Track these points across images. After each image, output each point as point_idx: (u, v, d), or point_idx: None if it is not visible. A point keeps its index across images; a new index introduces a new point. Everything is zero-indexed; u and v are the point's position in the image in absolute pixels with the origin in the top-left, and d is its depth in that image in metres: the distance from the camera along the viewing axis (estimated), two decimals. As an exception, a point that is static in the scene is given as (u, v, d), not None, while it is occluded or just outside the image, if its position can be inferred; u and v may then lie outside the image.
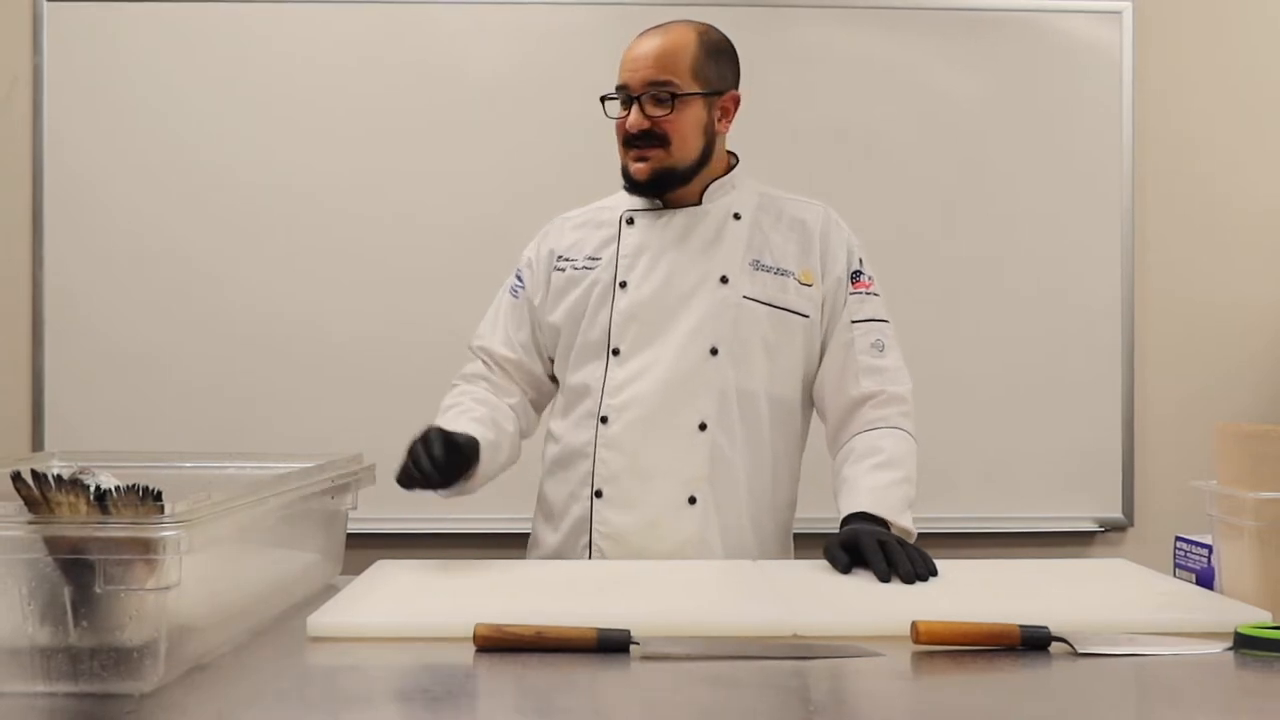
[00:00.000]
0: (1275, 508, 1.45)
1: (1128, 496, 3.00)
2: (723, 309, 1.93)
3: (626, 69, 1.95)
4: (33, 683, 1.09)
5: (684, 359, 1.92)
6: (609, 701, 1.17)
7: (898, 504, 1.86)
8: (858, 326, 1.99)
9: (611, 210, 2.05)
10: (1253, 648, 1.28)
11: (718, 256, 1.96)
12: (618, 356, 1.94)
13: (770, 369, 1.96)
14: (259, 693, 1.18)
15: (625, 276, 1.96)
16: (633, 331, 1.94)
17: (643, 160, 1.93)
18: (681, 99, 1.91)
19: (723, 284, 1.94)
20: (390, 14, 2.94)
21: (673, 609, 1.42)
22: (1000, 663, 1.25)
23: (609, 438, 1.93)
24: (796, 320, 1.97)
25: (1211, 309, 3.06)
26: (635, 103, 1.92)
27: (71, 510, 1.09)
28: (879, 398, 1.96)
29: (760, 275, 1.96)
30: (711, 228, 1.98)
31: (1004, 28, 2.99)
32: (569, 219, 2.09)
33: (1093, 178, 3.00)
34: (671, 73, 1.92)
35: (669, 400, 1.91)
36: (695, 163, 1.96)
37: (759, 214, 2.01)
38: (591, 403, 1.95)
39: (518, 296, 2.07)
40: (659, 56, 1.92)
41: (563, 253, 2.04)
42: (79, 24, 2.92)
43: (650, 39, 1.95)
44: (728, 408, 1.93)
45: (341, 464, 1.74)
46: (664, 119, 1.91)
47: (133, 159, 2.92)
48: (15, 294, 2.92)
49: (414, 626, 1.34)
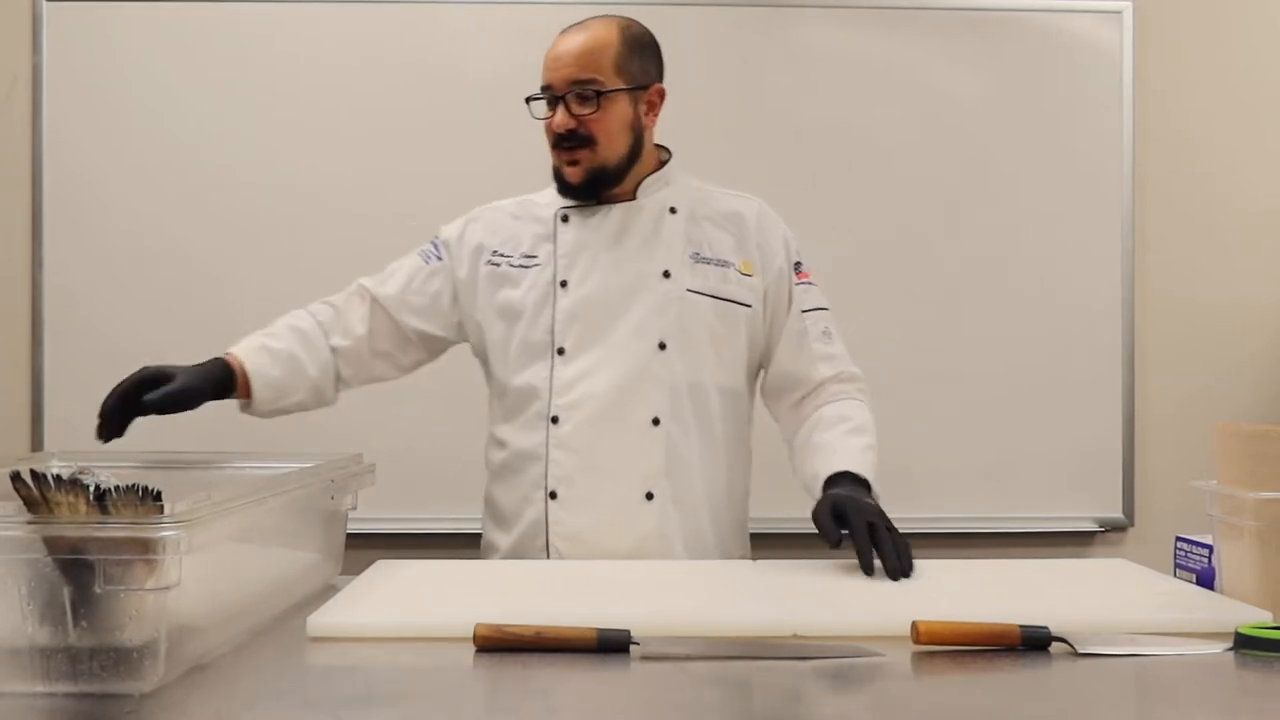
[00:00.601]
0: (1275, 508, 1.45)
1: (1128, 496, 3.00)
2: (667, 303, 1.93)
3: (549, 68, 1.93)
4: (32, 683, 1.09)
5: (633, 355, 1.92)
6: (609, 701, 1.17)
7: (871, 471, 1.89)
8: (808, 316, 2.02)
9: (545, 206, 2.02)
10: (1253, 648, 1.27)
11: (658, 251, 1.96)
12: (563, 356, 1.93)
13: (717, 360, 1.97)
14: (259, 693, 1.18)
15: (565, 275, 1.95)
16: (577, 330, 1.93)
17: (574, 164, 1.93)
18: (606, 96, 1.90)
19: (665, 278, 1.94)
20: (390, 14, 2.94)
21: (673, 609, 1.42)
22: (1000, 663, 1.25)
23: (561, 438, 1.91)
24: (740, 310, 1.98)
25: (1211, 309, 3.06)
26: (560, 102, 1.91)
27: (71, 510, 1.09)
28: (838, 377, 2.02)
29: (701, 268, 1.96)
30: (648, 223, 1.97)
31: (1004, 28, 2.99)
32: (499, 210, 2.06)
33: (1093, 178, 3.00)
34: (594, 70, 1.91)
35: (620, 397, 1.91)
36: (625, 160, 1.95)
37: (694, 207, 2.01)
38: (540, 404, 1.93)
39: (429, 263, 2.04)
40: (581, 54, 1.91)
41: (496, 247, 2.01)
42: (78, 24, 2.92)
43: (571, 37, 1.94)
44: (679, 401, 1.93)
45: (341, 464, 1.74)
46: (589, 118, 1.90)
47: (132, 159, 2.92)
48: (15, 294, 2.92)
49: (414, 626, 1.34)
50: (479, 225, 2.05)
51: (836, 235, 2.95)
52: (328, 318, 2.00)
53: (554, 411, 1.92)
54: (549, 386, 1.93)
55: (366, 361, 2.02)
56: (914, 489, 2.95)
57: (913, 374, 2.95)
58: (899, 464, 2.95)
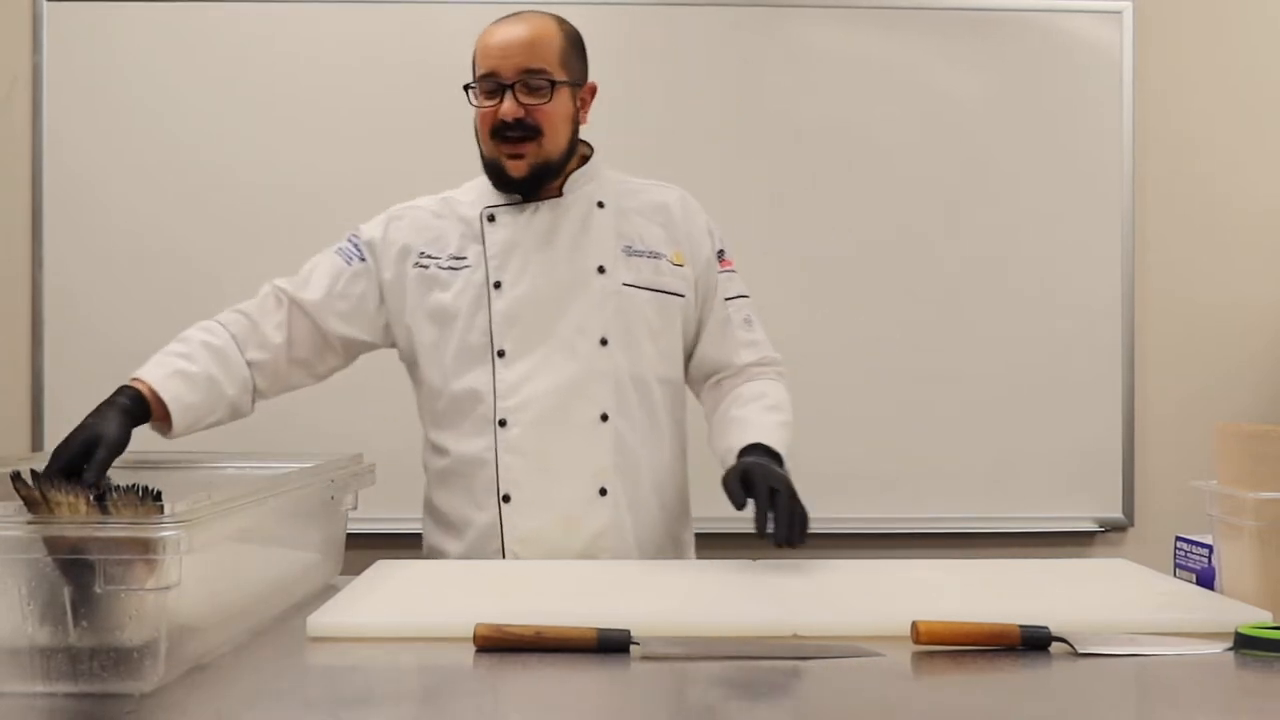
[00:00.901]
0: (1275, 508, 1.45)
1: (1128, 496, 3.00)
2: (605, 299, 1.93)
3: (495, 56, 1.89)
4: (32, 683, 1.09)
5: (576, 353, 1.92)
6: (609, 701, 1.17)
7: (784, 446, 1.90)
8: (731, 304, 2.04)
9: (468, 205, 2.00)
10: (1253, 648, 1.28)
11: (590, 247, 1.95)
12: (504, 358, 1.91)
13: (657, 353, 1.98)
14: (259, 693, 1.18)
15: (498, 276, 1.93)
16: (516, 332, 1.92)
17: (518, 157, 1.90)
18: (557, 88, 1.90)
19: (600, 274, 1.94)
20: (390, 14, 2.94)
21: (673, 609, 1.43)
22: (1000, 663, 1.25)
23: (510, 441, 1.90)
24: (674, 301, 1.99)
25: (1211, 309, 3.06)
26: (509, 91, 1.88)
27: (71, 510, 1.09)
28: (759, 361, 2.04)
29: (635, 261, 1.97)
30: (577, 219, 1.96)
31: (1004, 28, 2.99)
32: (421, 209, 2.02)
33: (1093, 178, 3.00)
34: (544, 61, 1.90)
35: (567, 396, 1.91)
36: (564, 155, 1.95)
37: (620, 201, 2.00)
38: (484, 408, 1.91)
39: (352, 264, 1.98)
40: (530, 44, 1.89)
41: (422, 248, 1.97)
42: (78, 24, 2.91)
43: (514, 27, 1.91)
44: (625, 396, 1.94)
45: (341, 464, 1.75)
46: (538, 108, 1.89)
47: (132, 159, 2.92)
48: (15, 294, 2.91)
49: (414, 626, 1.34)
50: (402, 225, 2.00)
51: (836, 235, 2.95)
52: (242, 330, 1.92)
53: (500, 415, 1.91)
54: (492, 390, 1.91)
55: (283, 372, 1.96)
56: (914, 489, 2.95)
57: (913, 374, 2.95)
58: (899, 464, 2.97)
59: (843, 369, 2.94)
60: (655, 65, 2.95)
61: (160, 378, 1.78)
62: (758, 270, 2.93)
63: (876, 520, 2.94)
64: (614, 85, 2.95)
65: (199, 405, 1.81)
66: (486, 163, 1.96)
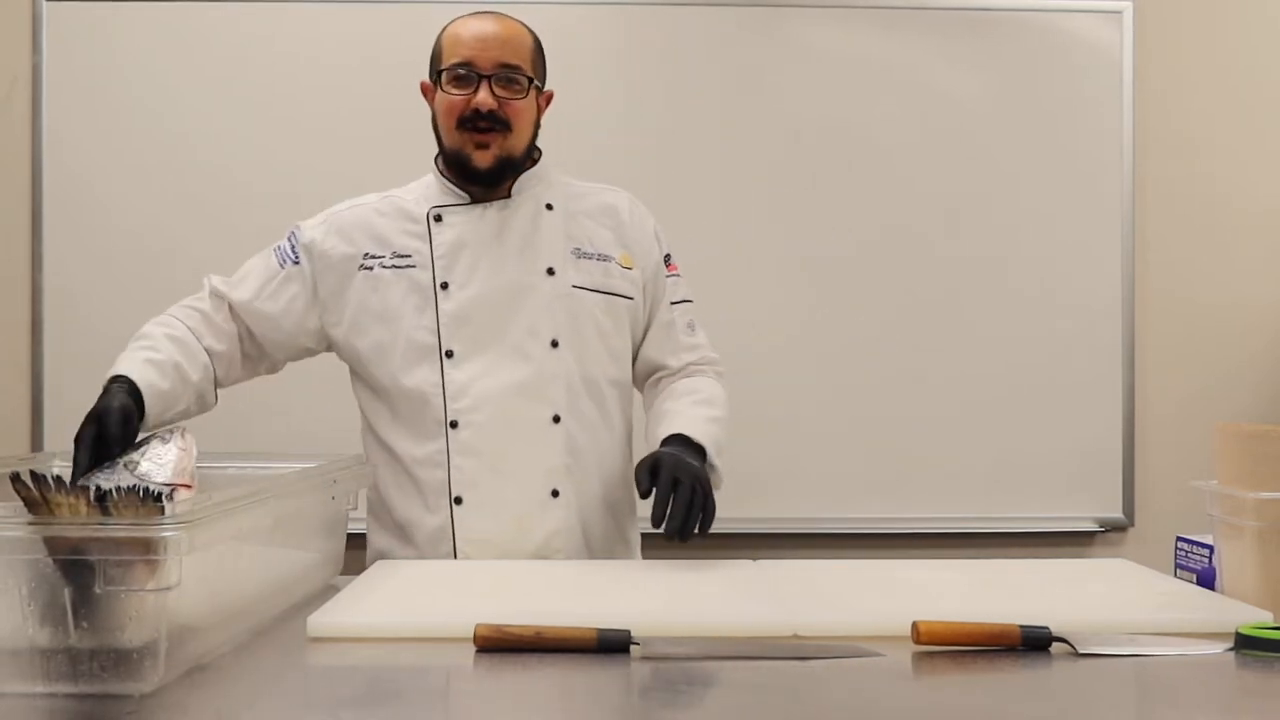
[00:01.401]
0: (1276, 508, 1.45)
1: (1128, 496, 3.00)
2: (554, 301, 1.93)
3: (472, 47, 1.89)
4: (33, 683, 1.09)
5: (527, 355, 1.92)
6: (609, 701, 1.17)
7: (715, 441, 1.90)
8: (676, 308, 2.06)
9: (414, 204, 1.98)
10: (1254, 648, 1.27)
11: (539, 249, 1.95)
12: (452, 359, 1.91)
13: (607, 354, 1.98)
14: (259, 693, 1.18)
15: (446, 277, 1.92)
16: (466, 333, 1.91)
17: (484, 146, 1.90)
18: (530, 85, 1.92)
19: (550, 276, 1.94)
20: (390, 14, 2.94)
21: (673, 609, 1.42)
22: (1001, 663, 1.25)
23: (462, 443, 1.90)
24: (623, 303, 1.99)
25: (1211, 309, 3.06)
26: (484, 81, 1.88)
27: (71, 511, 1.09)
28: (698, 361, 2.05)
29: (584, 263, 1.97)
30: (526, 220, 1.96)
31: (1004, 28, 2.99)
32: (364, 207, 2.01)
33: (1093, 178, 3.00)
34: (520, 59, 1.91)
35: (520, 397, 1.91)
36: (525, 153, 1.96)
37: (569, 203, 2.01)
38: (433, 410, 1.91)
39: (285, 267, 1.97)
40: (508, 41, 1.91)
41: (367, 248, 1.96)
42: (78, 24, 2.91)
43: (489, 23, 1.92)
44: (576, 398, 1.94)
45: (341, 464, 1.74)
46: (512, 102, 1.89)
47: (132, 159, 2.92)
48: (15, 294, 2.92)
49: (414, 626, 1.34)
50: (345, 224, 1.99)
51: (836, 235, 2.95)
52: (196, 322, 1.93)
53: (452, 416, 1.90)
54: (441, 391, 1.90)
55: (238, 362, 1.97)
56: (914, 489, 2.95)
57: (912, 374, 2.95)
58: (900, 464, 2.97)
59: (842, 369, 2.94)
60: (655, 65, 2.95)
61: (130, 366, 1.78)
62: (758, 270, 2.95)
63: (876, 520, 2.94)
64: (614, 85, 2.98)
65: (169, 393, 1.81)
66: (448, 153, 1.95)
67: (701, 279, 2.91)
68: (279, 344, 1.99)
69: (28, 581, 1.09)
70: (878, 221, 2.96)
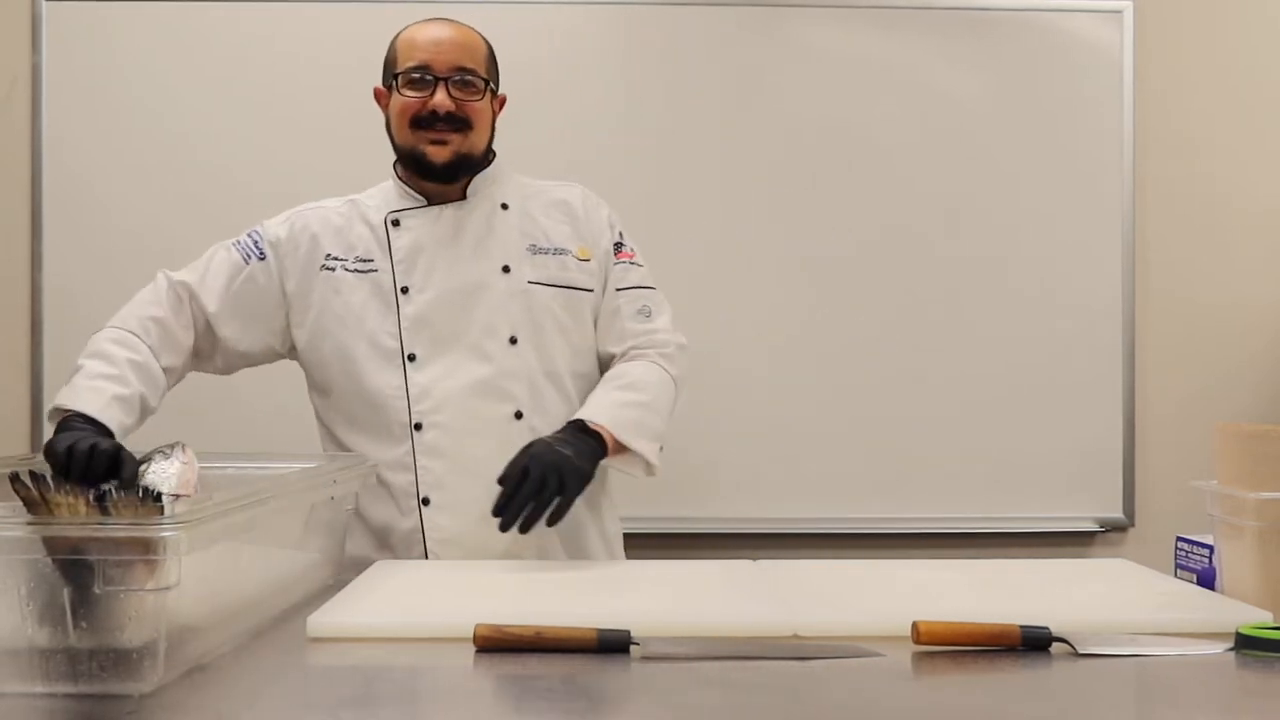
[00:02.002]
0: (1276, 508, 1.44)
1: (1128, 496, 3.00)
2: (511, 298, 1.94)
3: (427, 50, 1.92)
4: (32, 683, 1.09)
5: (486, 353, 1.92)
6: (609, 701, 1.17)
7: (631, 424, 1.89)
8: (623, 294, 2.03)
9: (374, 210, 2.00)
10: (1254, 648, 1.27)
11: (494, 248, 1.96)
12: (415, 362, 1.92)
13: (568, 348, 1.99)
14: (259, 693, 1.17)
15: (405, 281, 1.94)
16: (427, 336, 1.92)
17: (441, 143, 1.92)
18: (488, 88, 1.94)
19: (505, 274, 1.95)
20: (390, 14, 2.92)
21: (673, 609, 1.42)
22: (1001, 663, 1.25)
23: (427, 444, 1.91)
24: (583, 296, 2.00)
25: (1211, 309, 3.06)
26: (441, 84, 1.91)
27: (71, 511, 1.09)
28: (640, 344, 2.01)
29: (540, 258, 1.97)
30: (481, 220, 1.98)
31: (1004, 28, 2.99)
32: (326, 210, 2.02)
33: (1093, 178, 3.00)
34: (476, 63, 1.94)
35: (480, 396, 1.91)
36: (483, 154, 1.98)
37: (524, 202, 2.02)
38: (396, 413, 1.91)
39: (250, 262, 1.97)
40: (463, 45, 1.94)
41: (329, 250, 1.97)
42: (78, 24, 2.91)
43: (443, 28, 1.95)
44: (538, 394, 1.94)
45: (342, 464, 1.74)
46: (470, 104, 1.92)
47: (132, 159, 2.91)
48: (15, 294, 2.91)
49: (414, 626, 1.34)
50: (308, 226, 2.00)
51: (836, 235, 2.95)
52: (157, 340, 1.91)
53: (416, 419, 1.91)
54: (405, 394, 1.91)
55: (188, 367, 1.98)
56: (914, 489, 2.95)
57: (913, 374, 2.95)
58: (900, 464, 2.97)
59: (843, 369, 2.94)
60: (655, 65, 2.95)
61: (100, 407, 1.76)
62: (758, 270, 2.95)
63: (876, 520, 2.94)
64: (614, 85, 2.98)
65: (131, 426, 1.82)
66: (403, 153, 1.97)
67: (702, 279, 2.93)
68: (242, 350, 1.97)
69: (27, 581, 1.09)
70: (878, 221, 2.96)
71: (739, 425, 2.92)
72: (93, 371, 1.82)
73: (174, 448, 1.57)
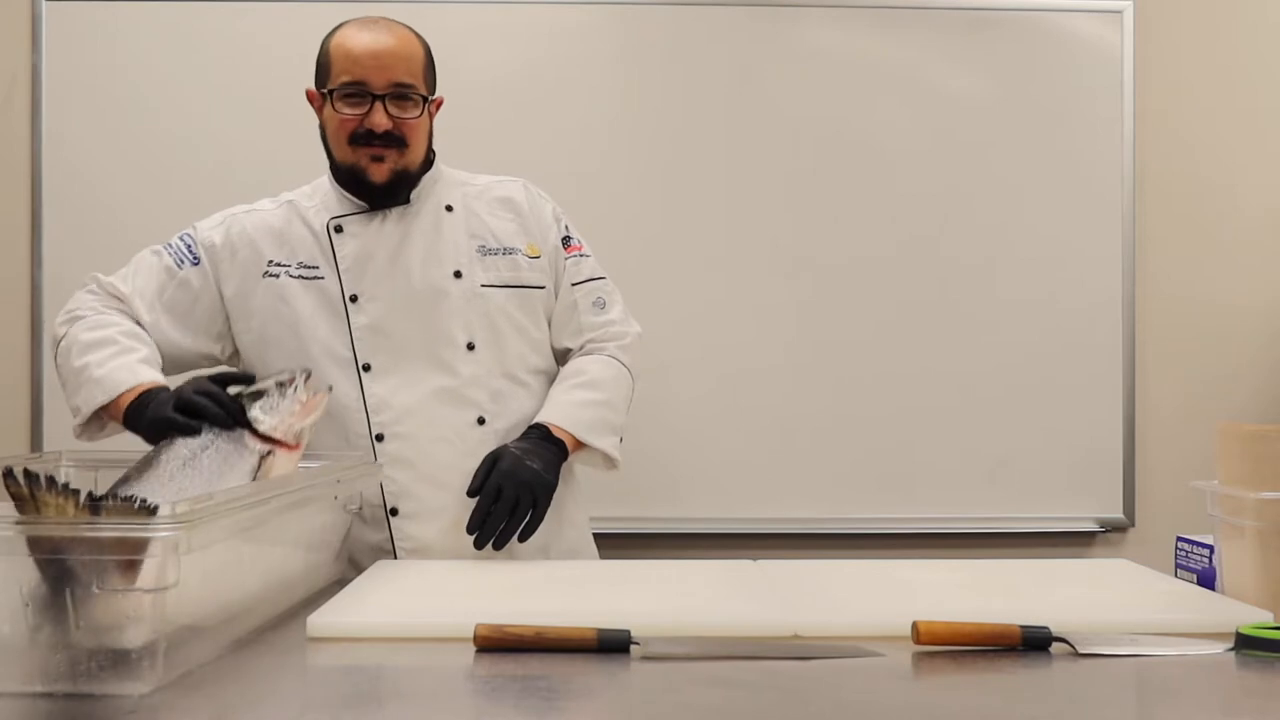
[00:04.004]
0: (1277, 508, 1.44)
1: (1128, 496, 3.00)
2: (465, 303, 1.93)
3: (365, 65, 1.86)
4: (31, 683, 1.09)
5: (445, 363, 1.91)
6: (609, 701, 1.17)
7: (591, 423, 1.90)
8: (577, 289, 2.02)
9: (313, 213, 1.96)
10: (1254, 648, 1.27)
11: (444, 253, 1.95)
12: (370, 372, 1.90)
13: (526, 346, 1.98)
14: (259, 693, 1.17)
15: (354, 289, 1.91)
16: (381, 346, 1.91)
17: (379, 160, 1.89)
18: (427, 102, 1.92)
19: (458, 279, 1.94)
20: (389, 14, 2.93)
21: (673, 609, 1.42)
22: (1001, 663, 1.25)
23: (390, 455, 1.89)
24: (536, 294, 2.00)
25: (1211, 309, 3.06)
26: (378, 101, 1.87)
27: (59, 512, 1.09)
28: (598, 337, 2.02)
29: (490, 259, 1.96)
30: (428, 224, 1.96)
31: (1004, 28, 2.99)
32: (263, 213, 1.99)
33: (1093, 178, 3.00)
34: (413, 76, 1.90)
35: (442, 405, 1.91)
36: (423, 165, 1.96)
37: (467, 201, 2.00)
38: (355, 424, 1.90)
39: (182, 268, 1.93)
40: (401, 58, 1.89)
41: (270, 255, 1.94)
42: (78, 24, 2.91)
43: (381, 34, 1.89)
44: (499, 397, 1.94)
45: (346, 464, 1.74)
46: (407, 121, 1.89)
47: (132, 158, 2.91)
48: (15, 293, 2.91)
49: (414, 626, 1.34)
50: (245, 229, 1.97)
51: (836, 235, 2.95)
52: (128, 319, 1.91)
53: (376, 430, 1.90)
54: (363, 405, 1.90)
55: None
56: (914, 489, 2.95)
57: (913, 374, 2.95)
58: (900, 464, 2.97)
59: (842, 368, 2.94)
60: (655, 65, 2.95)
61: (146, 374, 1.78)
62: (758, 269, 2.95)
63: (876, 520, 2.94)
64: (614, 85, 2.97)
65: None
66: (341, 169, 1.94)
67: (702, 279, 2.93)
68: (174, 356, 1.93)
69: (27, 581, 1.09)
70: (878, 221, 2.96)
71: (740, 425, 2.92)
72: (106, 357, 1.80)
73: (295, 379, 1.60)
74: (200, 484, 1.51)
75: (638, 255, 2.82)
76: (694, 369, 2.91)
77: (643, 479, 2.87)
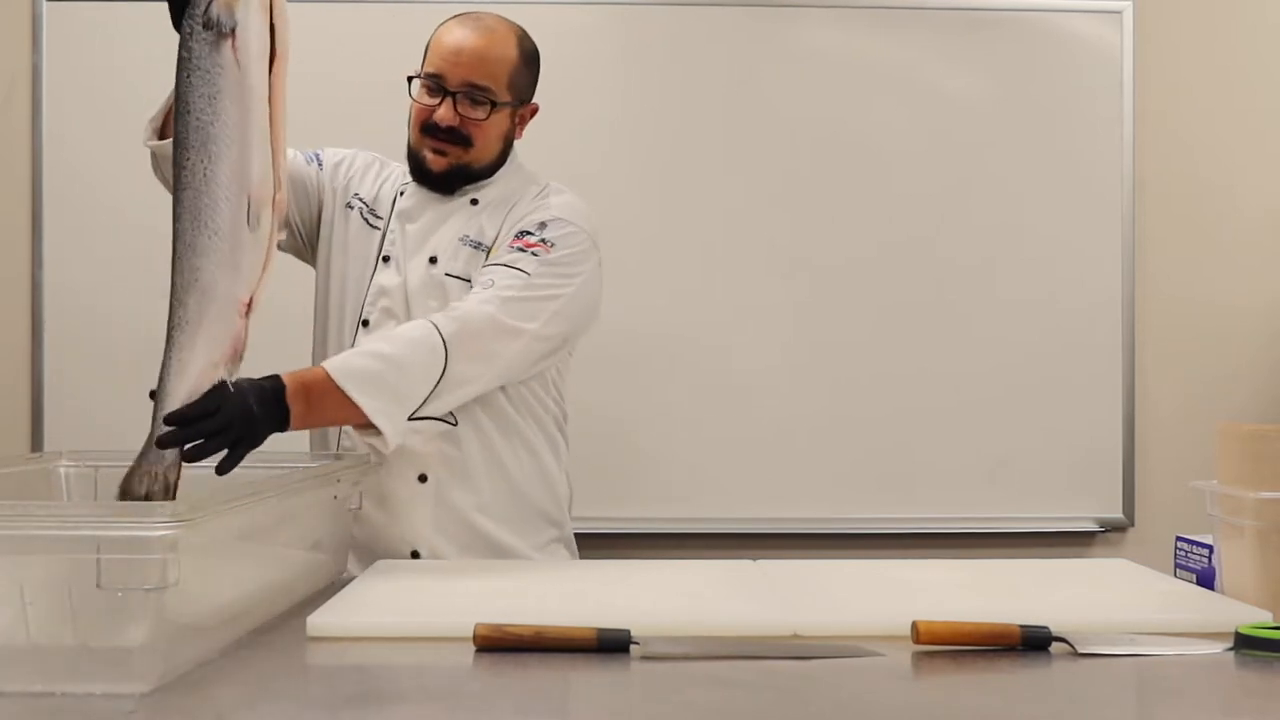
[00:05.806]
0: (1276, 508, 1.45)
1: (1128, 496, 3.00)
2: (427, 288, 1.94)
3: (445, 59, 1.91)
4: (32, 682, 1.09)
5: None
6: (609, 701, 1.17)
7: (357, 374, 1.71)
8: (489, 269, 1.88)
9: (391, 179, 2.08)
10: (1253, 648, 1.28)
11: (439, 239, 1.97)
12: (367, 328, 1.96)
13: None
14: (259, 693, 1.17)
15: (388, 251, 1.99)
16: (380, 306, 1.96)
17: (441, 154, 1.94)
18: (496, 109, 1.92)
19: (431, 264, 1.95)
20: (390, 14, 2.94)
21: (673, 609, 1.42)
22: (1000, 663, 1.25)
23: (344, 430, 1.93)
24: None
25: (1211, 309, 3.05)
26: (450, 97, 1.90)
27: None
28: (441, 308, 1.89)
29: (465, 251, 1.95)
30: (450, 211, 1.99)
31: (1004, 28, 2.99)
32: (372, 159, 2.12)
33: (1092, 178, 3.00)
34: (491, 79, 1.91)
35: None
36: (491, 166, 1.98)
37: (498, 199, 1.99)
38: None
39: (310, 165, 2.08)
40: (483, 59, 1.91)
41: (358, 190, 2.06)
42: (78, 24, 2.91)
43: (472, 34, 1.92)
44: None
45: (346, 463, 1.74)
46: (475, 122, 1.91)
47: (132, 159, 2.88)
48: (15, 294, 2.91)
49: (414, 626, 1.34)
50: (358, 165, 2.10)
51: (836, 235, 2.95)
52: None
53: None
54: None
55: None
56: (914, 489, 2.95)
57: (912, 374, 2.95)
58: (900, 464, 2.97)
59: (842, 368, 2.94)
60: (655, 65, 2.95)
61: None
62: (758, 269, 2.95)
63: (876, 520, 2.94)
64: (614, 85, 2.97)
65: None
66: (410, 151, 2.00)
67: (701, 278, 2.93)
68: (300, 205, 2.06)
69: (27, 580, 1.09)
70: (878, 221, 2.96)
71: (740, 425, 2.92)
72: None
73: None
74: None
75: (637, 255, 2.82)
76: (693, 369, 2.91)
77: (642, 479, 2.88)
